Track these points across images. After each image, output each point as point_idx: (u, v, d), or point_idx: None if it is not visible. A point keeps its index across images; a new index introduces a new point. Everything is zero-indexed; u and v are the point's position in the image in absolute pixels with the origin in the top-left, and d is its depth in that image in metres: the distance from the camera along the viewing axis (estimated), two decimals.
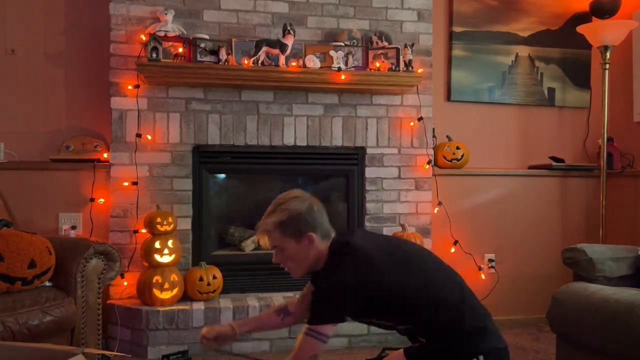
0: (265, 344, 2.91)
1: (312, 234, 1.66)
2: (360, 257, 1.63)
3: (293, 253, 1.68)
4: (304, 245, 1.67)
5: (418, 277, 1.66)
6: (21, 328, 2.13)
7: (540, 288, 3.48)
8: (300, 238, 1.66)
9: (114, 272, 2.58)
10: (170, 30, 2.96)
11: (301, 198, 1.69)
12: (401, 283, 1.62)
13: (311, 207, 1.68)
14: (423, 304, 1.64)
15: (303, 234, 1.65)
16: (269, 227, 1.67)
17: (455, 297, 1.67)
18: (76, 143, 3.12)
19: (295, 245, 1.67)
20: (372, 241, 1.72)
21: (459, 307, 1.65)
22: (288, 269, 1.73)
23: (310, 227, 1.66)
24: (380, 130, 3.30)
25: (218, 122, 3.12)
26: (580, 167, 3.70)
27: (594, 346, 2.14)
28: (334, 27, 3.25)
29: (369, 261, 1.62)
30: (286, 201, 1.68)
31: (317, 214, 1.68)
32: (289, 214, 1.65)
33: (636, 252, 2.46)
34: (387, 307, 1.65)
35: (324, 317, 1.60)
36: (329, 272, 1.65)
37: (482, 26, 3.65)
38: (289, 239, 1.66)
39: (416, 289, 1.64)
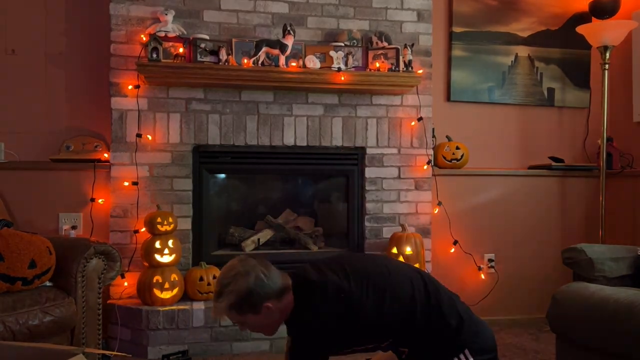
0: (266, 344, 2.91)
1: (268, 303, 1.61)
2: (323, 291, 1.62)
3: (256, 323, 1.66)
4: (264, 315, 1.63)
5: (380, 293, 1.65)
6: (21, 328, 2.13)
7: (540, 288, 3.48)
8: (257, 311, 1.61)
9: (114, 272, 2.58)
10: (170, 30, 2.96)
11: (243, 272, 1.61)
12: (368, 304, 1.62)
13: (257, 277, 1.61)
14: (394, 318, 1.63)
15: (259, 307, 1.61)
16: (223, 311, 1.62)
17: (422, 300, 1.66)
18: (76, 143, 3.12)
19: (254, 317, 1.63)
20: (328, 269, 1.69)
21: (427, 310, 1.65)
22: (259, 331, 1.72)
23: (264, 297, 1.61)
24: (380, 131, 3.30)
25: (218, 122, 3.12)
26: (580, 167, 3.71)
27: (594, 346, 2.14)
28: (334, 27, 3.25)
29: (335, 291, 1.61)
30: (230, 281, 1.61)
31: (265, 281, 1.61)
32: (237, 295, 1.59)
33: (636, 252, 2.46)
34: (361, 331, 1.63)
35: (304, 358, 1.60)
36: (297, 317, 1.63)
37: (482, 26, 3.66)
38: (247, 315, 1.63)
39: (383, 305, 1.64)
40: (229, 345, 2.88)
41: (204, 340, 2.85)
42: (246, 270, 1.61)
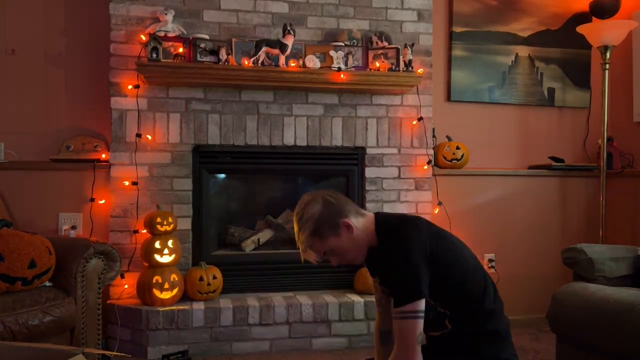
0: (266, 344, 2.91)
1: (345, 220, 1.63)
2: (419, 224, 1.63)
3: (342, 247, 1.66)
4: (345, 234, 1.64)
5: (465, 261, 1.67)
6: (21, 328, 2.13)
7: (540, 288, 3.47)
8: (338, 231, 1.64)
9: (114, 272, 2.58)
10: (170, 30, 2.96)
11: (313, 200, 1.66)
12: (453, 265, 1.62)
13: (326, 200, 1.65)
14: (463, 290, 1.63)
15: (337, 225, 1.63)
16: (307, 241, 1.64)
17: (482, 290, 1.67)
18: (76, 143, 3.12)
19: (337, 240, 1.64)
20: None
21: (485, 301, 1.66)
22: (349, 262, 1.71)
23: (339, 216, 1.64)
24: (380, 130, 3.30)
25: (218, 122, 3.12)
26: (580, 167, 3.71)
27: (594, 346, 2.14)
28: (334, 27, 3.25)
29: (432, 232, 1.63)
30: (302, 212, 1.66)
31: (335, 202, 1.66)
32: (313, 220, 1.63)
33: (636, 252, 2.46)
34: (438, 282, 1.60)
35: (411, 294, 1.53)
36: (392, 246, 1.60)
37: (482, 26, 3.66)
38: (330, 238, 1.64)
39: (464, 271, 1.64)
40: (229, 345, 2.88)
41: (204, 340, 2.85)
42: (313, 198, 1.67)
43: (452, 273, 1.62)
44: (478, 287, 1.66)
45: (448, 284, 1.61)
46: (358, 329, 3.00)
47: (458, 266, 1.64)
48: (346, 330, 2.99)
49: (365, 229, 1.66)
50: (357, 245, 1.67)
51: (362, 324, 3.00)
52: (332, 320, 2.97)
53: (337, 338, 2.98)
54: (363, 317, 3.00)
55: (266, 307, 2.91)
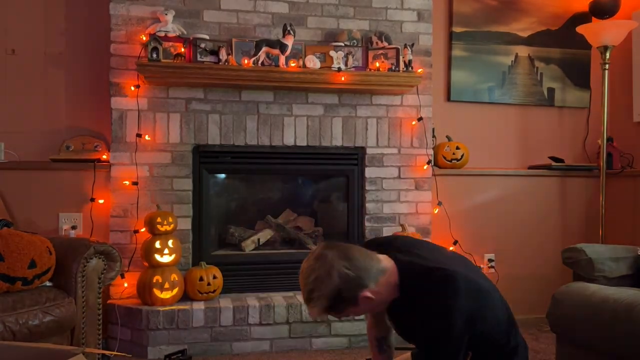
0: (266, 344, 2.91)
1: (364, 293, 1.45)
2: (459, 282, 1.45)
3: (360, 311, 1.54)
4: (363, 304, 1.48)
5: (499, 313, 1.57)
6: (21, 328, 2.13)
7: (540, 288, 3.48)
8: (355, 303, 1.47)
9: (114, 272, 2.58)
10: (170, 30, 2.96)
11: (325, 274, 1.44)
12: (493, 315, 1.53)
13: (342, 274, 1.44)
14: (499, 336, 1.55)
15: (355, 300, 1.46)
16: (322, 316, 1.52)
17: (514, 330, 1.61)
18: (76, 143, 3.12)
19: (355, 308, 1.50)
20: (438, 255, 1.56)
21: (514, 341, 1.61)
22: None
23: (357, 290, 1.45)
24: (380, 130, 3.30)
25: (218, 122, 3.12)
26: (580, 167, 3.71)
27: (594, 346, 2.14)
28: (334, 27, 3.25)
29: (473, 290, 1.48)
30: (313, 287, 1.45)
31: (353, 275, 1.44)
32: (327, 298, 1.44)
33: (636, 252, 2.46)
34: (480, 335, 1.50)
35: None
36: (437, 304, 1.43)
37: (482, 26, 3.66)
38: (347, 309, 1.50)
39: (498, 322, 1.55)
40: (229, 345, 2.88)
41: (204, 340, 2.85)
42: (327, 272, 1.45)
43: (486, 330, 1.51)
44: (504, 331, 1.59)
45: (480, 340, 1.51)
46: (358, 329, 3.00)
47: (492, 322, 1.54)
48: (346, 330, 2.99)
49: (388, 285, 1.49)
50: (377, 304, 1.52)
51: (362, 324, 3.00)
52: (332, 320, 2.97)
53: (337, 338, 2.98)
54: (363, 317, 3.00)
55: (266, 307, 2.91)
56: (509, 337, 1.60)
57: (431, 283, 1.44)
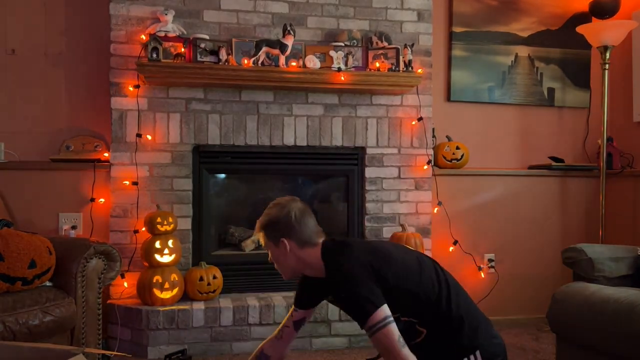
0: None
1: (285, 240, 1.72)
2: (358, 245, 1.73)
3: (274, 255, 1.78)
4: (281, 250, 1.74)
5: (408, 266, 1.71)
6: (21, 328, 2.13)
7: (540, 288, 3.48)
8: (277, 242, 1.74)
9: (114, 272, 2.58)
10: (170, 30, 2.96)
11: (282, 205, 1.77)
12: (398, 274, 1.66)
13: (288, 214, 1.74)
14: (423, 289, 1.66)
15: (278, 239, 1.73)
16: (258, 228, 1.79)
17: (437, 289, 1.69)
18: (76, 143, 3.12)
19: (275, 248, 1.76)
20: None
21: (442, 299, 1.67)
22: (278, 269, 1.81)
23: (285, 234, 1.73)
24: (380, 130, 3.30)
25: (218, 122, 3.12)
26: (580, 167, 3.71)
27: (594, 346, 2.14)
28: (334, 27, 3.25)
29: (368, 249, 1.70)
30: (271, 208, 1.79)
31: (295, 222, 1.73)
32: (268, 219, 1.76)
33: (636, 252, 2.46)
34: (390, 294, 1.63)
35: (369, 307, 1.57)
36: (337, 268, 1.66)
37: (482, 26, 3.66)
38: (270, 242, 1.76)
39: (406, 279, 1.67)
40: (229, 345, 2.88)
41: (204, 340, 2.85)
42: (284, 204, 1.77)
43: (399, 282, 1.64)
44: (430, 288, 1.68)
45: (400, 293, 1.64)
46: (358, 329, 2.96)
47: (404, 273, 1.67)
48: (346, 330, 2.99)
49: (309, 259, 1.73)
50: (285, 264, 1.77)
51: None
52: (332, 320, 2.97)
53: (337, 338, 2.98)
54: None
55: (266, 307, 2.91)
56: (449, 305, 1.66)
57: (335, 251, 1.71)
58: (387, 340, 1.53)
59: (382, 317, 1.55)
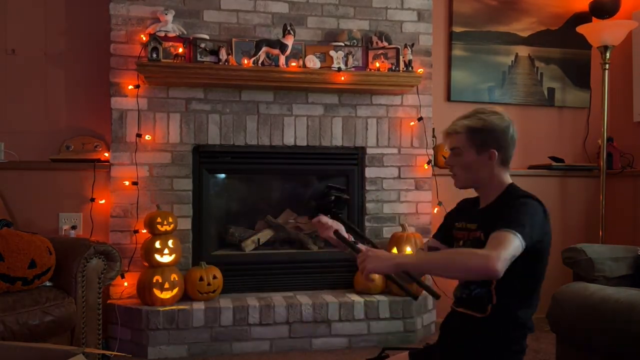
0: (266, 344, 2.91)
1: (495, 151, 1.59)
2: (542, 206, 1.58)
3: (468, 162, 1.62)
4: (482, 159, 1.61)
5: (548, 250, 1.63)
6: (21, 328, 2.13)
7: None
8: (482, 150, 1.60)
9: (114, 272, 2.58)
10: (170, 30, 2.96)
11: (502, 117, 1.63)
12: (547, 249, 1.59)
13: (507, 129, 1.61)
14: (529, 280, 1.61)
15: (487, 148, 1.59)
16: (460, 128, 1.62)
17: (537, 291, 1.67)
18: (76, 143, 3.12)
19: (474, 155, 1.61)
20: None
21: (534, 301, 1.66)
22: (455, 174, 1.68)
23: (497, 145, 1.60)
24: (380, 130, 3.30)
25: (218, 122, 3.12)
26: (580, 167, 3.70)
27: (594, 346, 2.14)
28: (334, 27, 3.25)
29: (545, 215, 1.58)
30: (486, 113, 1.63)
31: (509, 138, 1.62)
32: (483, 123, 1.60)
33: (636, 252, 2.46)
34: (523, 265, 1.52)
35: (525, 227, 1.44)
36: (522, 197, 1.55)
37: (482, 26, 3.66)
38: (471, 146, 1.61)
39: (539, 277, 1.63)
40: (229, 345, 2.88)
41: (204, 340, 2.85)
42: (505, 117, 1.63)
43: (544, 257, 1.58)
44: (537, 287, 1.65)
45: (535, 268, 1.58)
46: (358, 329, 3.00)
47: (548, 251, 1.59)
48: (346, 330, 2.99)
49: (497, 177, 1.63)
50: (477, 173, 1.63)
51: (362, 324, 3.00)
52: (332, 320, 2.97)
53: (337, 338, 2.98)
54: (363, 317, 3.00)
55: (266, 307, 2.91)
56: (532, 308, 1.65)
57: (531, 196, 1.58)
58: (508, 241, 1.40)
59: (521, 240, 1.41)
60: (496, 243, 1.40)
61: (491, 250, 1.38)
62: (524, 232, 1.42)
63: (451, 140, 1.65)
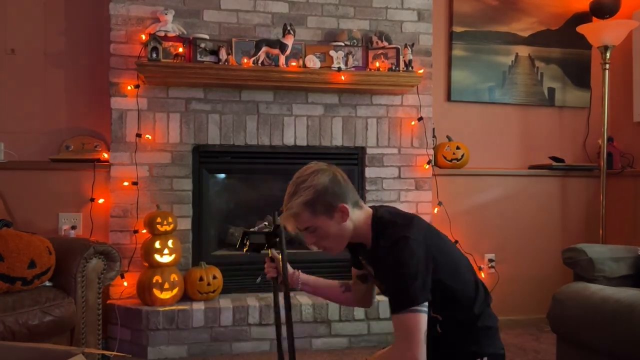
0: (266, 344, 2.91)
1: (344, 204, 1.54)
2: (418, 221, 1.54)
3: (328, 230, 1.56)
4: (338, 219, 1.55)
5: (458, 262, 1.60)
6: (21, 328, 2.13)
7: (540, 288, 3.47)
8: (332, 213, 1.54)
9: (114, 272, 2.58)
10: (170, 30, 2.96)
11: (322, 171, 1.57)
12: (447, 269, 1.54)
13: (335, 177, 1.56)
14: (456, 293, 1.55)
15: (335, 207, 1.53)
16: (297, 209, 1.54)
17: (474, 291, 1.60)
18: (76, 143, 3.12)
19: (328, 221, 1.55)
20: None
21: (477, 303, 1.58)
22: (325, 248, 1.62)
23: (340, 198, 1.54)
24: (380, 130, 3.30)
25: (218, 122, 3.12)
26: (580, 167, 3.70)
27: (594, 346, 2.13)
28: (334, 27, 3.25)
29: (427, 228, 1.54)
30: (307, 178, 1.56)
31: (342, 184, 1.57)
32: (314, 190, 1.53)
33: (636, 252, 2.46)
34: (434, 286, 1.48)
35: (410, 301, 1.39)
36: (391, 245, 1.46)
37: (482, 26, 3.65)
38: (320, 216, 1.54)
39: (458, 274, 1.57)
40: (229, 345, 2.88)
41: (204, 340, 2.85)
42: (323, 169, 1.57)
43: (446, 277, 1.52)
44: (470, 290, 1.58)
45: (443, 287, 1.51)
46: (358, 329, 3.00)
47: (453, 269, 1.56)
48: (346, 330, 2.98)
49: (359, 222, 1.58)
50: (342, 236, 1.58)
51: (362, 324, 3.00)
52: (332, 320, 2.97)
53: (337, 338, 2.98)
54: (363, 317, 3.00)
55: (266, 307, 2.91)
56: (480, 309, 1.57)
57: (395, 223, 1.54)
58: (414, 325, 1.37)
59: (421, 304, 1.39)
60: (404, 334, 1.38)
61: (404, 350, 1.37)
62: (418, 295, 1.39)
63: (298, 223, 1.58)
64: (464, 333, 1.58)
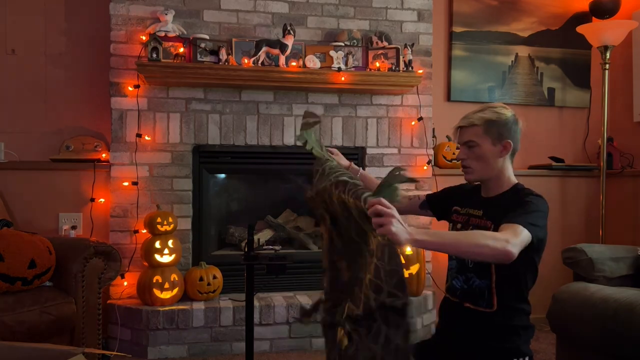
0: (266, 344, 2.91)
1: (510, 142, 1.67)
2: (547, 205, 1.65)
3: (484, 153, 1.68)
4: (497, 151, 1.67)
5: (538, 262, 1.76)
6: (21, 328, 2.13)
7: (540, 288, 3.44)
8: (498, 142, 1.67)
9: (114, 272, 2.58)
10: (170, 30, 2.96)
11: (512, 111, 1.72)
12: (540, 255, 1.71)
13: (517, 122, 1.70)
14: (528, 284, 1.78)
15: (503, 139, 1.67)
16: (477, 120, 1.68)
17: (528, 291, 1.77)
18: (76, 143, 3.12)
19: (490, 146, 1.67)
20: None
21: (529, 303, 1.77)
22: (469, 167, 1.72)
23: (511, 137, 1.67)
24: (380, 131, 3.30)
25: (218, 122, 3.12)
26: (580, 167, 3.70)
27: (594, 346, 2.14)
28: (334, 27, 3.25)
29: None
30: (498, 106, 1.72)
31: (519, 131, 1.70)
32: (498, 116, 1.67)
33: (636, 252, 2.46)
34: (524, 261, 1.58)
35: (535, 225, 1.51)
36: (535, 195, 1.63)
37: (482, 26, 3.66)
38: (488, 138, 1.67)
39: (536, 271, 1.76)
40: (229, 345, 2.88)
41: (204, 340, 2.85)
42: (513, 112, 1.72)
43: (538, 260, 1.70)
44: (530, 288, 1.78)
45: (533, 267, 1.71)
46: None
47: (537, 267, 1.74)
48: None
49: (505, 170, 1.70)
50: (490, 166, 1.69)
51: None
52: None
53: None
54: None
55: (266, 307, 2.91)
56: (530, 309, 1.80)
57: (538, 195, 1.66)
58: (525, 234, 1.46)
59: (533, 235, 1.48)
60: (511, 232, 1.45)
61: (508, 236, 1.42)
62: (534, 229, 1.48)
63: (466, 134, 1.70)
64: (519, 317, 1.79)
